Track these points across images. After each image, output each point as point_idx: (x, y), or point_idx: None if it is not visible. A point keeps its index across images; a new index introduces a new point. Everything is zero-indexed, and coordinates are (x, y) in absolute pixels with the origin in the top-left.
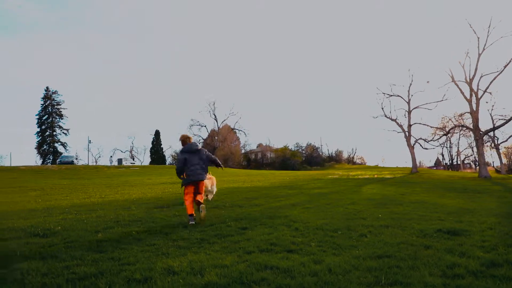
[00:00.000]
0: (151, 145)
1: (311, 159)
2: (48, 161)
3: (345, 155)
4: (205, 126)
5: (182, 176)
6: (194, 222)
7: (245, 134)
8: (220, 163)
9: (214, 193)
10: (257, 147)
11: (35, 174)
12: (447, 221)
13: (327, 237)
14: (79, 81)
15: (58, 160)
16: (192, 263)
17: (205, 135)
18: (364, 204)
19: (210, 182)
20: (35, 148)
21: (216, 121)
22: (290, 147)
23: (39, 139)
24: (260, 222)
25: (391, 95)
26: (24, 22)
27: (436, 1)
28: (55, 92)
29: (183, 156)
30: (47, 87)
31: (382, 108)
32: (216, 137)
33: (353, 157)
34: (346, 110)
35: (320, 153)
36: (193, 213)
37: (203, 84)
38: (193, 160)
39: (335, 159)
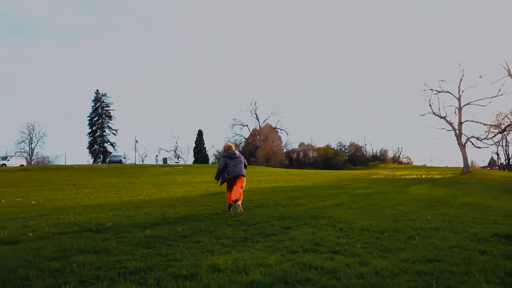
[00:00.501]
0: (194, 145)
1: (355, 158)
2: (98, 160)
3: (390, 154)
4: (247, 126)
5: (219, 179)
6: (230, 211)
7: (286, 133)
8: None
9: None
10: (299, 146)
11: (87, 172)
12: (505, 225)
13: (373, 239)
14: (126, 82)
15: (107, 159)
16: (236, 261)
17: (246, 134)
18: (411, 205)
19: None
20: (87, 148)
21: (258, 121)
22: (332, 146)
23: (90, 139)
24: (304, 222)
25: (440, 91)
26: (72, 28)
27: None
28: (104, 95)
29: (223, 160)
30: (97, 90)
31: (430, 105)
32: (257, 137)
33: (398, 157)
34: (391, 108)
35: (364, 152)
36: (231, 203)
37: (245, 83)
38: (232, 162)
39: (379, 159)
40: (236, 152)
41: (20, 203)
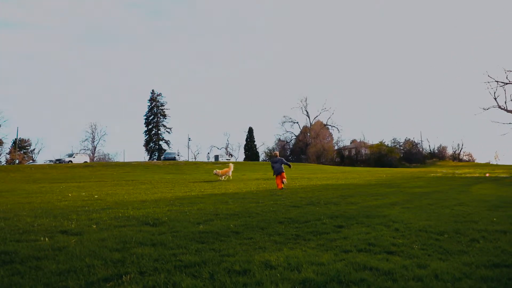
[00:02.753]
0: (245, 142)
1: (410, 155)
2: (154, 157)
3: (449, 151)
4: (297, 123)
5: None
6: (281, 193)
7: (338, 130)
8: (289, 164)
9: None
10: (350, 143)
11: (143, 169)
12: None
13: (431, 240)
14: (179, 81)
15: (162, 156)
16: (288, 258)
17: (297, 131)
18: (474, 206)
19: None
20: (143, 146)
21: (308, 118)
22: (386, 143)
23: (146, 137)
24: (357, 221)
25: (507, 83)
26: (128, 32)
27: None
28: (159, 94)
29: (271, 163)
30: (152, 90)
31: (495, 98)
32: (308, 134)
33: (459, 154)
34: (451, 102)
35: (420, 149)
36: (281, 188)
37: (296, 80)
38: (276, 164)
39: (437, 156)
40: (277, 157)
41: (85, 197)
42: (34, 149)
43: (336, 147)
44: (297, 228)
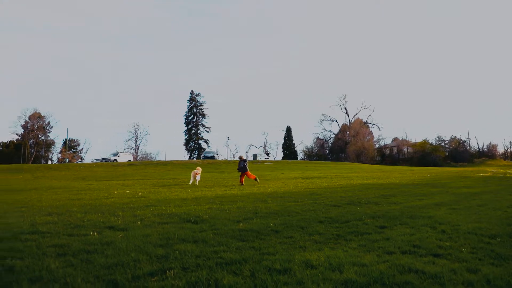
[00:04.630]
0: (283, 141)
1: (456, 154)
2: (194, 156)
3: (500, 150)
4: (336, 121)
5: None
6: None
7: (378, 128)
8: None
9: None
10: (392, 141)
11: (184, 167)
12: None
13: (482, 244)
14: (217, 82)
15: (202, 155)
16: (329, 258)
17: (336, 130)
18: None
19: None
20: (183, 145)
21: (348, 116)
22: (430, 141)
23: (186, 136)
24: (400, 222)
25: None
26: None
27: None
28: (198, 94)
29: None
30: (192, 90)
31: None
32: (347, 132)
33: (511, 152)
34: (501, 96)
35: (468, 148)
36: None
37: (335, 78)
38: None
39: (487, 154)
40: (243, 159)
41: (129, 195)
42: (82, 149)
43: (376, 146)
44: (338, 228)
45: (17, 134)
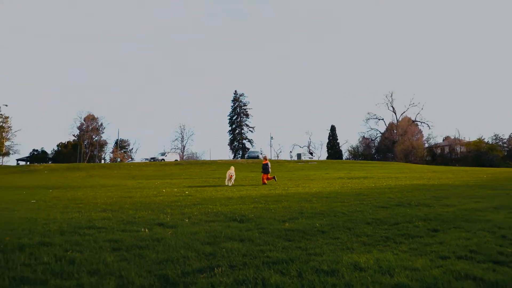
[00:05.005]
0: (327, 140)
1: None
2: (238, 156)
3: None
4: (383, 119)
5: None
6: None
7: (428, 126)
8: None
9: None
10: (443, 140)
11: (228, 167)
12: None
13: None
14: (261, 82)
15: (246, 155)
16: (379, 261)
17: (382, 128)
18: None
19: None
20: (228, 144)
21: (395, 114)
22: (486, 140)
23: (230, 136)
24: (454, 225)
25: None
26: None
27: None
28: (242, 95)
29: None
30: (235, 91)
31: None
32: (394, 131)
33: None
34: None
35: None
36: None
37: (381, 75)
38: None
39: None
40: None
41: (177, 193)
42: (132, 149)
43: (426, 145)
44: (387, 230)
45: (73, 135)
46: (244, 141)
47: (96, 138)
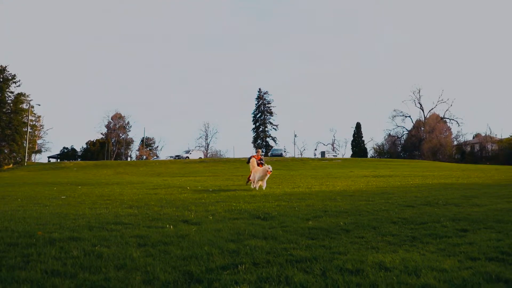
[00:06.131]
0: (352, 138)
1: None
2: (262, 154)
3: None
4: (409, 117)
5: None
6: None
7: (457, 123)
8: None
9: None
10: (473, 137)
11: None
12: None
13: None
14: (285, 79)
15: (270, 153)
16: (405, 261)
17: (409, 126)
18: None
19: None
20: (251, 142)
21: (422, 110)
22: None
23: (254, 134)
24: (485, 225)
25: None
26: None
27: None
28: (266, 93)
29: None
30: (259, 89)
31: None
32: (422, 128)
33: None
34: None
35: None
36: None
37: (408, 70)
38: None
39: None
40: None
41: (201, 190)
42: (157, 146)
43: (455, 143)
44: (413, 230)
45: (101, 134)
46: (267, 138)
47: (123, 136)
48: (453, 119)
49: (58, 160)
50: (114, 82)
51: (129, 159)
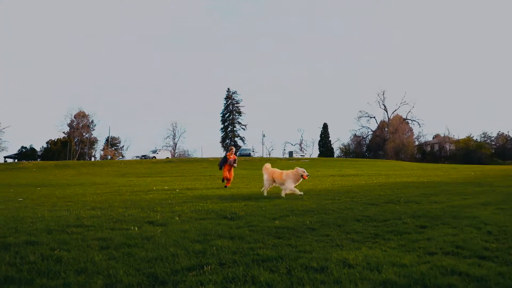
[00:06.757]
0: (319, 138)
1: (504, 151)
2: (237, 153)
3: None
4: (374, 118)
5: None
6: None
7: (419, 124)
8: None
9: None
10: (433, 138)
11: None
12: None
13: None
14: (253, 80)
15: (238, 152)
16: (367, 257)
17: (374, 126)
18: None
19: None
20: (220, 142)
21: (386, 112)
22: (474, 138)
23: (223, 134)
24: (442, 221)
25: None
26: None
27: None
28: (234, 92)
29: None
30: (228, 88)
31: None
32: (386, 129)
33: None
34: None
35: None
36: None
37: (372, 73)
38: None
39: None
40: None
41: (167, 191)
42: (123, 146)
43: (416, 143)
44: (376, 227)
45: (63, 132)
46: (236, 138)
47: (87, 135)
48: (414, 120)
49: (16, 160)
50: (77, 79)
51: (93, 159)
